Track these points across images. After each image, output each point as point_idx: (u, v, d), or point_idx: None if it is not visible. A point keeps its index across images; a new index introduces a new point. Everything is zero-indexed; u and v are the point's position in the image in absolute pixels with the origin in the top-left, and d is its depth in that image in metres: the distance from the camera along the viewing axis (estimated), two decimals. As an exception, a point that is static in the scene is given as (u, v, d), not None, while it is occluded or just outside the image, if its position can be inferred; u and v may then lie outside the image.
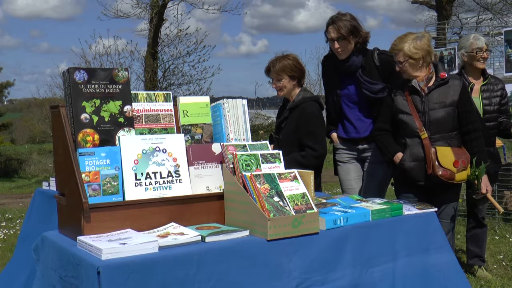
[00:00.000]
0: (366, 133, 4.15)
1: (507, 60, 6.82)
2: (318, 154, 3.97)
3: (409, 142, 3.81)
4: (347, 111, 4.22)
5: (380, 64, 4.06)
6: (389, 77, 4.02)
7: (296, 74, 4.11)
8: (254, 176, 2.56)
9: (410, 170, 3.79)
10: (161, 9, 16.62)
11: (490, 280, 4.74)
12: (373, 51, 4.10)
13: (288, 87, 4.12)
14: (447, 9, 24.07)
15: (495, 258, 5.47)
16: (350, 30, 3.96)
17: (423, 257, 2.93)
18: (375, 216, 2.85)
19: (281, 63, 4.09)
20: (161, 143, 2.68)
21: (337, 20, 3.99)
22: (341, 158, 4.37)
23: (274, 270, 2.41)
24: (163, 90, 9.34)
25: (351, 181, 4.32)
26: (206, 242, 2.37)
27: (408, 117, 3.80)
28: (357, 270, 2.64)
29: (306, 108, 4.03)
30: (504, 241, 6.18)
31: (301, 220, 2.50)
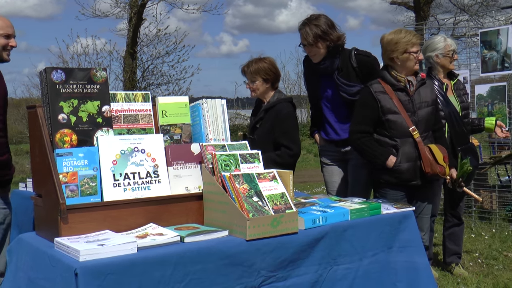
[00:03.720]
0: (346, 135, 4.11)
1: (483, 61, 6.91)
2: (293, 153, 4.01)
3: (400, 143, 3.75)
4: (327, 113, 4.21)
5: (357, 65, 4.02)
6: (368, 78, 3.98)
7: (270, 77, 4.16)
8: (233, 176, 2.56)
9: (405, 171, 3.72)
10: (140, 9, 16.54)
11: (467, 278, 4.79)
12: (350, 52, 4.06)
13: (261, 89, 4.16)
14: (425, 10, 24.32)
15: (471, 255, 5.53)
16: (317, 36, 3.91)
17: (385, 255, 2.96)
18: (353, 215, 2.87)
19: (257, 65, 4.15)
20: (139, 144, 2.67)
21: (304, 26, 3.97)
22: (325, 160, 4.38)
23: (247, 269, 2.43)
24: (142, 90, 9.29)
25: (335, 183, 4.33)
26: (185, 242, 2.36)
27: (398, 117, 3.73)
28: (321, 268, 2.67)
29: (281, 109, 4.08)
30: (480, 239, 6.26)
31: (280, 220, 2.51)
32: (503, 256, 5.59)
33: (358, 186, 4.12)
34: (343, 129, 4.13)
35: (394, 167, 3.72)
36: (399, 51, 3.73)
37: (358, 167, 4.11)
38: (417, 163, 3.73)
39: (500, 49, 6.75)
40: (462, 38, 15.21)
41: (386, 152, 3.74)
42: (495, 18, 9.75)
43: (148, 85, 17.25)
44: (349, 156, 4.18)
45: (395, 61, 3.76)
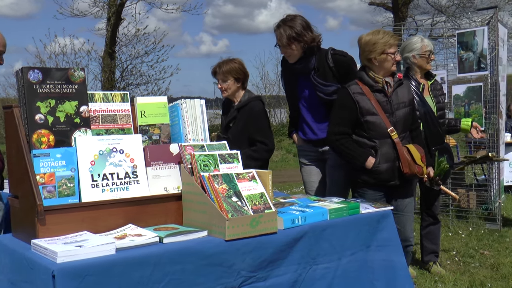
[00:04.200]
0: (324, 135, 4.11)
1: (459, 61, 6.99)
2: (268, 148, 4.15)
3: (379, 144, 3.76)
4: (304, 113, 4.23)
5: (334, 65, 4.03)
6: (344, 78, 4.00)
7: (241, 77, 4.32)
8: (212, 176, 2.56)
9: (384, 171, 3.74)
10: (118, 8, 16.45)
11: (444, 276, 4.85)
12: (327, 52, 4.07)
13: (233, 88, 4.31)
14: (403, 11, 24.55)
15: (449, 254, 5.60)
16: (291, 38, 3.92)
17: (363, 254, 2.98)
18: (332, 215, 2.89)
19: (228, 65, 4.31)
20: (118, 144, 2.66)
21: (279, 27, 3.98)
22: (304, 160, 4.39)
23: (226, 269, 2.43)
24: (121, 90, 9.23)
25: (313, 183, 4.34)
26: (164, 243, 2.36)
27: (376, 118, 3.75)
28: (300, 267, 2.68)
29: (253, 107, 4.22)
30: (457, 238, 6.34)
31: (259, 220, 2.52)
32: (479, 254, 5.66)
33: (336, 186, 4.14)
34: (321, 129, 4.15)
35: (373, 168, 3.73)
36: (377, 51, 3.74)
37: (336, 167, 4.13)
38: (395, 163, 3.76)
39: (476, 50, 6.85)
40: (440, 39, 15.39)
41: (365, 153, 3.75)
42: (471, 19, 9.86)
43: (127, 85, 17.18)
44: (326, 156, 4.19)
45: (372, 61, 3.78)
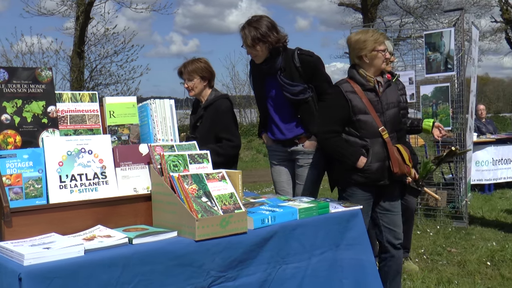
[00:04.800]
0: (291, 135, 4.15)
1: (427, 62, 7.10)
2: (234, 145, 4.19)
3: (370, 143, 3.76)
4: (272, 113, 4.23)
5: (300, 64, 4.03)
6: (311, 77, 4.03)
7: (207, 75, 4.36)
8: (181, 176, 2.55)
9: (375, 171, 3.75)
10: (87, 7, 16.27)
11: (412, 273, 4.92)
12: (293, 52, 4.07)
13: (199, 87, 4.35)
14: (372, 12, 24.83)
15: (417, 252, 5.68)
16: (255, 39, 3.91)
17: (332, 253, 3.00)
18: (302, 214, 2.90)
19: (194, 65, 4.35)
20: (86, 144, 2.63)
21: (244, 28, 3.98)
22: (273, 159, 4.40)
23: (196, 269, 2.42)
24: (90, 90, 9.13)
25: (283, 183, 4.35)
26: (133, 244, 2.34)
27: (368, 117, 3.75)
28: (270, 267, 2.69)
29: (220, 105, 4.26)
30: (425, 236, 6.44)
31: (229, 220, 2.52)
32: (446, 251, 5.77)
33: (306, 186, 4.17)
34: (288, 128, 4.16)
35: (365, 167, 3.73)
36: (368, 49, 3.77)
37: (305, 167, 4.16)
38: (385, 163, 3.77)
39: (444, 51, 6.96)
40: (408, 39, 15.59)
41: (356, 152, 3.74)
42: (438, 20, 10.03)
43: (96, 85, 17.01)
44: (295, 156, 4.20)
45: (363, 59, 3.79)
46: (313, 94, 4.07)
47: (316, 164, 4.17)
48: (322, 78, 4.09)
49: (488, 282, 4.75)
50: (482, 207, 8.25)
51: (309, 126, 4.08)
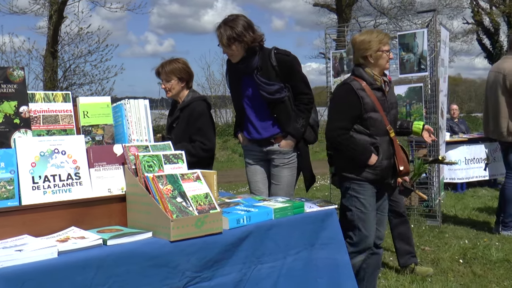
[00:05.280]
0: (267, 134, 4.15)
1: (401, 62, 7.17)
2: (206, 148, 4.17)
3: (379, 141, 3.81)
4: (248, 112, 4.22)
5: (277, 64, 4.02)
6: (287, 77, 4.03)
7: (184, 77, 4.33)
8: (156, 177, 2.54)
9: (385, 168, 3.80)
10: (60, 6, 16.09)
11: (387, 273, 4.96)
12: (270, 51, 4.07)
13: (177, 88, 4.33)
14: (347, 13, 25.01)
15: (391, 250, 5.74)
16: (231, 38, 3.90)
17: (307, 253, 3.01)
18: (277, 214, 2.91)
19: (171, 65, 4.31)
20: (60, 145, 2.60)
21: (220, 27, 3.97)
22: (248, 159, 4.39)
23: (171, 270, 2.42)
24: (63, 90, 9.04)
25: (258, 182, 4.34)
26: (107, 245, 2.33)
27: (378, 115, 3.79)
28: (245, 267, 2.70)
29: (195, 107, 4.24)
30: (400, 235, 6.49)
31: (204, 220, 2.52)
32: (420, 250, 5.83)
33: (281, 186, 4.17)
34: (264, 128, 4.16)
35: (377, 164, 3.78)
36: (373, 49, 3.82)
37: (280, 167, 4.16)
38: (391, 161, 3.84)
39: (417, 51, 7.04)
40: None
41: (367, 149, 3.79)
42: (412, 21, 10.15)
43: (70, 85, 16.82)
44: (271, 156, 4.20)
45: (368, 59, 3.85)
46: (289, 94, 4.07)
47: (292, 164, 4.18)
48: (298, 78, 4.10)
49: (460, 279, 4.82)
50: (455, 206, 8.37)
51: (285, 125, 4.08)
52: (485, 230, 6.69)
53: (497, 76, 6.18)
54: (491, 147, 9.97)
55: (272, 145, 4.17)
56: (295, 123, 4.07)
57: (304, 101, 4.10)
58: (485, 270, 5.06)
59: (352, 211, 3.90)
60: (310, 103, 4.14)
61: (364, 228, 3.88)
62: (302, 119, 4.08)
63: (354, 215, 3.89)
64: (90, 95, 16.16)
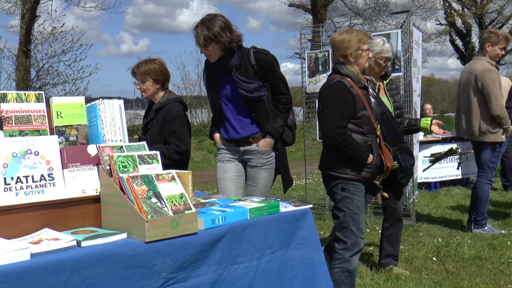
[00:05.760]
0: (246, 134, 4.14)
1: (375, 62, 7.22)
2: (180, 150, 4.15)
3: (370, 139, 3.82)
4: (226, 111, 4.20)
5: (256, 62, 4.02)
6: (266, 76, 4.03)
7: (160, 78, 4.30)
8: (131, 177, 2.53)
9: (377, 167, 3.83)
10: (33, 5, 15.89)
11: (362, 272, 5.01)
12: (249, 50, 4.07)
13: (152, 90, 4.30)
14: (322, 13, 25.16)
15: (367, 249, 5.79)
16: (208, 39, 3.89)
17: (283, 252, 3.02)
18: (253, 214, 2.91)
19: (147, 66, 4.27)
20: (32, 146, 2.57)
21: (197, 27, 3.94)
22: (222, 158, 4.34)
23: (147, 271, 2.40)
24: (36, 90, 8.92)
25: (226, 180, 4.27)
26: (81, 246, 2.30)
27: (368, 113, 3.81)
28: (221, 267, 2.69)
29: (170, 109, 4.20)
30: (374, 233, 6.56)
31: (179, 221, 2.51)
32: (395, 248, 5.88)
33: (258, 187, 4.15)
34: (243, 127, 4.14)
35: (373, 163, 3.81)
36: (353, 48, 3.85)
37: (258, 167, 4.15)
38: (378, 159, 3.87)
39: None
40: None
41: (366, 148, 3.80)
42: (386, 22, 10.24)
43: (44, 84, 16.63)
44: (247, 156, 4.20)
45: (348, 58, 3.88)
46: (268, 94, 4.06)
47: (270, 165, 4.17)
48: (277, 77, 4.09)
49: (434, 277, 4.88)
50: (428, 205, 8.47)
51: (264, 125, 4.07)
52: (458, 228, 6.79)
53: (469, 76, 6.27)
54: (463, 147, 10.11)
55: (250, 145, 4.15)
56: (274, 122, 4.06)
57: (282, 101, 4.10)
58: (457, 268, 5.14)
59: (345, 212, 3.88)
60: (288, 103, 4.14)
61: (357, 229, 3.89)
62: (280, 119, 4.07)
63: (347, 216, 3.88)
64: (64, 95, 16.00)
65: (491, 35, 6.25)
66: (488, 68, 6.10)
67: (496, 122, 6.09)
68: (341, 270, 3.88)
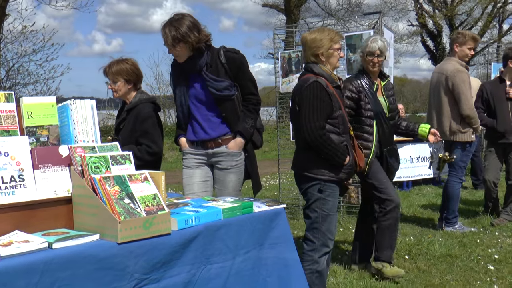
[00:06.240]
0: (215, 134, 4.06)
1: (348, 63, 7.29)
2: (152, 151, 4.11)
3: (346, 139, 3.81)
4: (195, 111, 4.11)
5: (226, 61, 3.97)
6: (236, 75, 3.98)
7: (132, 78, 4.26)
8: (103, 178, 2.51)
9: (353, 168, 3.84)
10: (2, 3, 15.62)
11: (336, 271, 5.04)
12: (219, 49, 4.02)
13: (123, 90, 4.26)
14: (295, 14, 25.25)
15: (340, 248, 5.83)
16: (175, 39, 3.83)
17: (256, 252, 3.03)
18: (226, 214, 2.91)
19: (119, 66, 4.22)
20: (2, 147, 2.54)
21: (165, 27, 3.88)
22: (188, 163, 4.25)
23: (119, 273, 2.39)
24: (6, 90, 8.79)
25: (193, 185, 4.17)
26: (53, 248, 2.28)
27: (343, 113, 3.81)
28: (194, 268, 2.69)
29: (142, 109, 4.17)
30: (347, 232, 6.61)
31: (152, 222, 2.50)
32: (368, 247, 5.93)
33: (227, 191, 4.04)
34: (212, 127, 4.07)
35: (349, 163, 3.81)
36: (325, 47, 3.85)
37: (227, 170, 4.06)
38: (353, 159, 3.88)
39: (363, 52, 7.16)
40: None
41: (344, 149, 3.79)
42: (359, 23, 10.33)
43: (14, 84, 16.38)
44: (216, 159, 4.10)
45: (320, 57, 3.87)
46: (238, 94, 4.02)
47: (239, 168, 4.10)
48: (247, 77, 4.05)
49: (406, 275, 4.93)
50: (401, 204, 8.54)
51: (234, 125, 4.01)
52: (429, 226, 6.88)
53: (440, 77, 6.36)
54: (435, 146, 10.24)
55: (219, 147, 4.07)
56: (244, 123, 4.01)
57: (252, 102, 4.07)
58: (429, 266, 5.21)
59: (318, 213, 3.88)
60: (258, 104, 4.11)
61: (328, 231, 3.89)
62: (251, 119, 4.03)
63: (319, 217, 3.88)
64: (35, 95, 15.77)
65: (459, 36, 6.35)
66: (458, 68, 6.20)
67: (466, 122, 6.19)
68: (311, 271, 3.88)
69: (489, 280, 4.75)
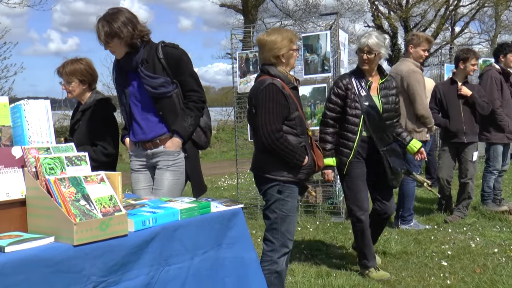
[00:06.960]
0: (152, 134, 3.88)
1: (305, 63, 7.35)
2: (108, 152, 4.06)
3: (304, 140, 3.80)
4: (134, 110, 3.93)
5: (163, 57, 3.78)
6: (175, 71, 3.81)
7: (86, 79, 4.20)
8: (58, 179, 2.47)
9: (312, 168, 3.86)
10: (-49, 0, 15.16)
11: (294, 269, 5.08)
12: (157, 45, 3.84)
13: (78, 90, 4.19)
14: (253, 14, 25.32)
15: (298, 247, 5.87)
16: (108, 35, 3.68)
17: (214, 252, 3.03)
18: (184, 215, 2.90)
19: (73, 66, 4.15)
20: (-48, 148, 2.47)
21: (98, 22, 3.72)
22: (133, 166, 4.07)
23: (75, 276, 2.35)
24: (-44, 90, 8.53)
25: (139, 191, 4.01)
26: (5, 252, 2.23)
27: (300, 114, 3.81)
28: (153, 269, 2.67)
29: (97, 109, 4.11)
30: (305, 232, 6.66)
31: (109, 223, 2.47)
32: (326, 246, 6.00)
33: (162, 190, 3.85)
34: (150, 127, 3.89)
35: (308, 164, 3.82)
36: (285, 48, 3.85)
37: (163, 169, 3.88)
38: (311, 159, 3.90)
39: (320, 53, 7.24)
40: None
41: (302, 150, 3.80)
42: (316, 24, 10.41)
43: (-36, 84, 15.90)
44: (155, 159, 3.92)
45: (280, 58, 3.87)
46: (178, 91, 3.83)
47: (176, 167, 3.89)
48: (187, 73, 3.85)
49: (363, 273, 5.00)
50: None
51: (171, 124, 3.82)
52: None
53: (395, 77, 6.47)
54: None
55: (157, 147, 3.89)
56: (183, 121, 3.80)
57: (193, 99, 3.85)
58: (385, 263, 5.30)
59: (277, 213, 3.88)
60: (200, 102, 3.89)
61: (287, 231, 3.91)
62: (190, 118, 3.82)
63: (278, 218, 3.89)
64: (-13, 94, 15.37)
65: (413, 37, 6.49)
66: (413, 69, 6.32)
67: (421, 122, 6.32)
68: (270, 271, 3.89)
69: (442, 275, 4.87)
